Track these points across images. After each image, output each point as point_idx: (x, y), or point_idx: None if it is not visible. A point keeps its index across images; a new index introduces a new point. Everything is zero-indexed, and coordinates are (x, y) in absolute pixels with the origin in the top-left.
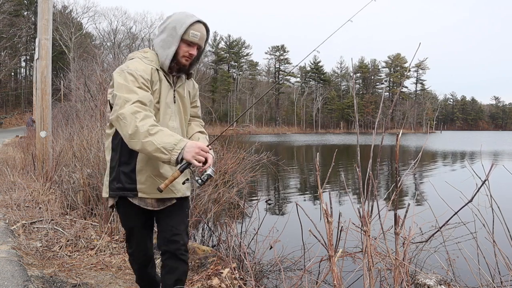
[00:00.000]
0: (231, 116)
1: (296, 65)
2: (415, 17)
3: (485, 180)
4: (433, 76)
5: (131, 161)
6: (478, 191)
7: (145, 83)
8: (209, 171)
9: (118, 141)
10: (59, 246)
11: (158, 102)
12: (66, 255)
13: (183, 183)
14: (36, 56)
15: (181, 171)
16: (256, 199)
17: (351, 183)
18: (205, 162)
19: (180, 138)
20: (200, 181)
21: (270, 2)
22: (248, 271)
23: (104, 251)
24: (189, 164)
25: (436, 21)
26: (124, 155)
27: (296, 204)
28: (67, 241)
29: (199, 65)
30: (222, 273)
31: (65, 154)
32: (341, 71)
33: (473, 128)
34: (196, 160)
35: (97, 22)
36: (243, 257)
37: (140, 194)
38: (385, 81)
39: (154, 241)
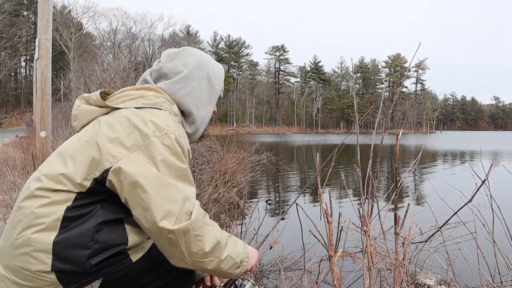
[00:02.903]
0: (231, 116)
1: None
2: (416, 18)
3: (484, 180)
4: (433, 76)
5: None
6: (477, 190)
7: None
8: (249, 284)
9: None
10: None
11: None
12: None
13: None
14: (36, 56)
15: None
16: (256, 199)
17: (351, 183)
18: None
19: (242, 241)
20: None
21: (271, 3)
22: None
23: None
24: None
25: (436, 22)
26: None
27: (296, 204)
28: None
29: None
30: None
31: None
32: (341, 71)
33: (473, 128)
34: (252, 271)
35: (97, 22)
36: None
37: None
38: (385, 81)
39: None
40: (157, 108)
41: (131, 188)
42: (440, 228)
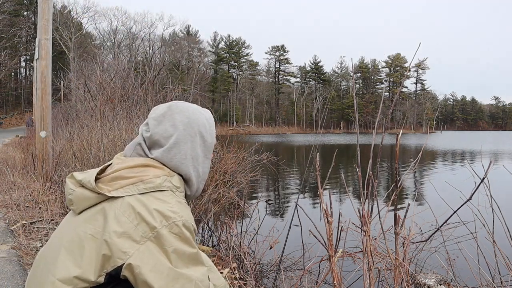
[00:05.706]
0: (231, 116)
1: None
2: (417, 17)
3: (483, 178)
4: (433, 76)
5: None
6: (476, 189)
7: None
8: None
9: None
10: None
11: None
12: None
13: None
14: (36, 56)
15: None
16: (256, 199)
17: (351, 183)
18: None
19: None
20: None
21: (271, 3)
22: (248, 271)
23: None
24: None
25: (437, 22)
26: None
27: (296, 205)
28: None
29: (199, 65)
30: (222, 273)
31: (65, 154)
32: (341, 71)
33: (473, 128)
34: None
35: (97, 22)
36: (243, 257)
37: None
38: (385, 81)
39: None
40: (159, 191)
41: (145, 286)
42: (440, 227)
